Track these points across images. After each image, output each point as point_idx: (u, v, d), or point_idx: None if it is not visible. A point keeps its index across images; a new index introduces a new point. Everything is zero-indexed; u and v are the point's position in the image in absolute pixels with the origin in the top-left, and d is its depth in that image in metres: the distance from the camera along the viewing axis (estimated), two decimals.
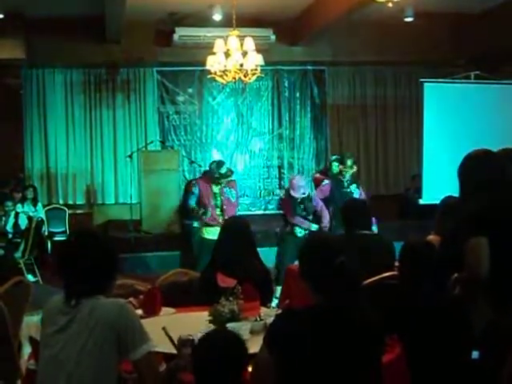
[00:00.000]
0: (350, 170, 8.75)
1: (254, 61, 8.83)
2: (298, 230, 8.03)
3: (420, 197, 10.32)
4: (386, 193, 13.62)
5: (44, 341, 2.85)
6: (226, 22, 9.44)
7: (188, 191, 9.36)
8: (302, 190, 8.08)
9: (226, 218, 7.71)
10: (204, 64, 9.30)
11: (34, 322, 2.97)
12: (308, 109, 13.53)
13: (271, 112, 13.40)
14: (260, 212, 13.03)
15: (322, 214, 8.17)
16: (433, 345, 3.40)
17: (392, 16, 10.42)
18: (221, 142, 13.21)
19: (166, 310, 4.23)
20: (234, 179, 8.88)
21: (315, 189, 9.13)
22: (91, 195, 12.81)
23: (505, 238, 3.36)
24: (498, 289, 3.35)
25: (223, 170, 8.27)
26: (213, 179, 8.28)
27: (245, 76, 8.95)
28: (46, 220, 11.37)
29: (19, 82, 12.43)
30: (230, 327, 3.32)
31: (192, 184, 9.07)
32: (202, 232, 8.22)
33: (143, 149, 12.12)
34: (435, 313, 3.49)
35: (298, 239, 7.81)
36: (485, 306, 3.36)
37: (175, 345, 3.02)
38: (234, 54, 8.74)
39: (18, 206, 10.69)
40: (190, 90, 13.04)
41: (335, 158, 9.40)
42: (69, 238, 3.78)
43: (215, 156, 12.90)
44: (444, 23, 11.68)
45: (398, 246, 4.08)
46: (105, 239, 2.98)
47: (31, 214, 10.66)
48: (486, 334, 3.30)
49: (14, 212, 10.32)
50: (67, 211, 11.98)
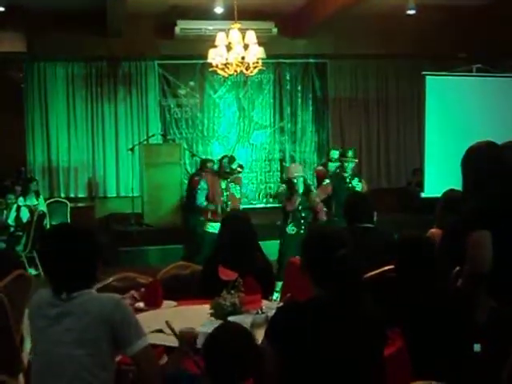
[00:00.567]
0: (351, 162, 8.64)
1: (256, 54, 8.81)
2: (291, 227, 8.02)
3: (422, 190, 10.31)
4: (388, 186, 13.62)
5: (36, 335, 2.84)
6: (228, 15, 9.41)
7: (194, 187, 9.22)
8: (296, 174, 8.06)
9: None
10: (205, 57, 9.29)
11: None
12: (310, 102, 13.52)
13: (273, 105, 13.40)
14: (261, 205, 13.02)
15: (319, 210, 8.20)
16: (434, 338, 3.39)
17: (394, 9, 10.41)
18: (222, 135, 13.21)
19: (167, 302, 4.23)
20: (240, 176, 8.88)
21: (317, 184, 9.11)
22: (93, 188, 12.82)
23: (507, 231, 3.36)
24: (501, 281, 3.34)
25: (235, 165, 8.28)
26: (221, 174, 8.25)
27: (246, 69, 8.93)
28: (47, 213, 11.36)
29: (21, 76, 12.44)
30: (232, 320, 3.32)
31: (198, 179, 8.98)
32: (205, 226, 8.21)
33: (145, 142, 12.11)
34: (436, 306, 3.49)
35: (292, 237, 7.84)
36: (487, 299, 3.36)
37: (178, 338, 3.02)
38: (236, 47, 8.72)
39: (20, 199, 10.68)
40: (191, 83, 13.03)
41: (334, 147, 9.44)
42: (49, 233, 3.73)
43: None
44: (446, 16, 11.64)
45: None
46: (83, 232, 2.92)
47: (33, 207, 10.65)
48: (488, 326, 3.30)
49: (15, 205, 10.31)
50: (69, 204, 11.97)
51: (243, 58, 8.82)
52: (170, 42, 11.97)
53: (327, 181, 8.79)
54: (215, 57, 8.97)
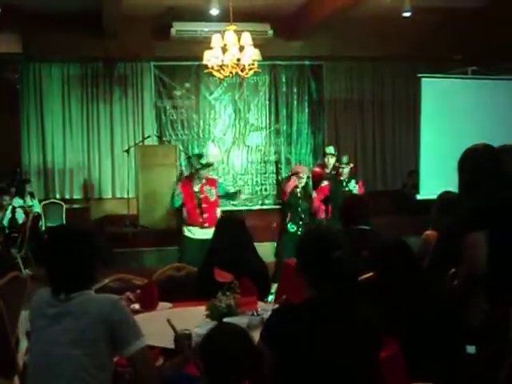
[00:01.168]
0: (346, 167, 8.92)
1: (252, 55, 8.79)
2: (291, 225, 8.09)
3: (417, 192, 10.32)
4: (384, 188, 13.62)
5: (35, 335, 2.84)
6: (224, 17, 9.39)
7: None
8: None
9: (205, 216, 7.72)
10: (201, 59, 9.26)
11: None
12: (305, 104, 13.52)
13: (268, 107, 13.39)
14: (257, 207, 13.03)
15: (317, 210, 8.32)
16: (429, 341, 3.40)
17: (390, 11, 10.41)
18: (218, 136, 13.20)
19: (162, 304, 4.23)
20: (215, 178, 8.76)
21: (314, 186, 9.12)
22: (88, 190, 12.79)
23: (502, 232, 3.37)
24: (497, 281, 3.35)
25: (203, 160, 8.10)
26: (193, 176, 8.08)
27: (242, 71, 8.92)
28: (42, 215, 11.35)
29: (16, 77, 12.41)
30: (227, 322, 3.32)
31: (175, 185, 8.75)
32: (183, 230, 8.09)
33: (140, 143, 12.08)
34: (431, 309, 3.49)
35: (293, 235, 7.88)
36: (483, 301, 3.36)
37: (175, 338, 3.03)
38: (231, 49, 8.70)
39: (15, 200, 10.66)
40: (187, 85, 13.01)
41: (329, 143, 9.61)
42: (50, 234, 3.78)
43: (213, 151, 12.91)
44: (442, 18, 11.65)
45: None
46: (84, 232, 2.95)
47: (28, 208, 10.63)
48: (483, 328, 3.30)
49: (10, 207, 10.29)
50: (64, 206, 11.95)
51: (239, 59, 8.81)
52: (166, 44, 11.95)
53: (325, 182, 8.85)
54: (211, 58, 8.96)
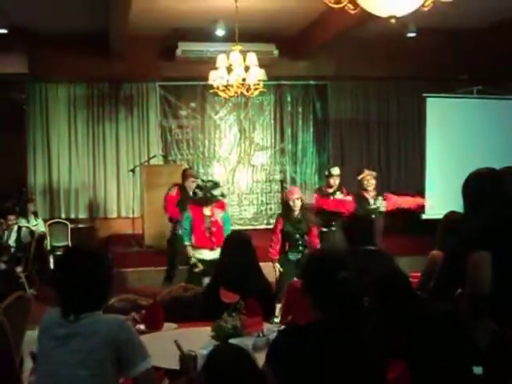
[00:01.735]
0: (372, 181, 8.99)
1: (257, 75, 8.83)
2: (291, 254, 7.80)
3: (423, 212, 10.29)
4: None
5: (43, 355, 2.84)
6: (229, 37, 9.45)
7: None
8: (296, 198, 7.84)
9: (214, 240, 7.44)
10: (207, 79, 9.31)
11: (35, 336, 2.95)
12: (310, 123, 13.54)
13: (274, 126, 13.42)
14: (262, 226, 12.99)
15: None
16: (435, 362, 3.37)
17: (395, 31, 10.42)
18: (223, 156, 13.23)
19: (168, 325, 4.22)
20: (224, 200, 8.51)
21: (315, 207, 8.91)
22: (93, 209, 12.81)
23: (507, 251, 3.36)
24: (502, 301, 3.34)
25: (219, 191, 7.74)
26: (202, 200, 7.65)
27: (247, 91, 8.95)
28: (48, 234, 11.35)
29: (23, 97, 12.47)
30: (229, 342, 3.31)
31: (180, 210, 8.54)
32: (188, 252, 7.67)
33: (146, 163, 12.12)
34: (436, 329, 3.47)
35: (296, 263, 7.65)
36: (489, 322, 3.35)
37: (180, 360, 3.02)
38: (237, 69, 8.74)
39: (20, 220, 10.66)
40: (192, 105, 13.06)
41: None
42: (64, 254, 3.78)
43: (217, 170, 12.92)
44: (447, 38, 11.70)
45: (401, 260, 4.08)
46: (99, 253, 2.96)
47: (33, 227, 10.63)
48: (491, 349, 3.28)
49: (16, 226, 10.29)
50: (69, 225, 11.96)
51: (244, 79, 8.84)
52: (172, 64, 12.00)
53: (349, 198, 8.70)
54: (216, 78, 9.00)
